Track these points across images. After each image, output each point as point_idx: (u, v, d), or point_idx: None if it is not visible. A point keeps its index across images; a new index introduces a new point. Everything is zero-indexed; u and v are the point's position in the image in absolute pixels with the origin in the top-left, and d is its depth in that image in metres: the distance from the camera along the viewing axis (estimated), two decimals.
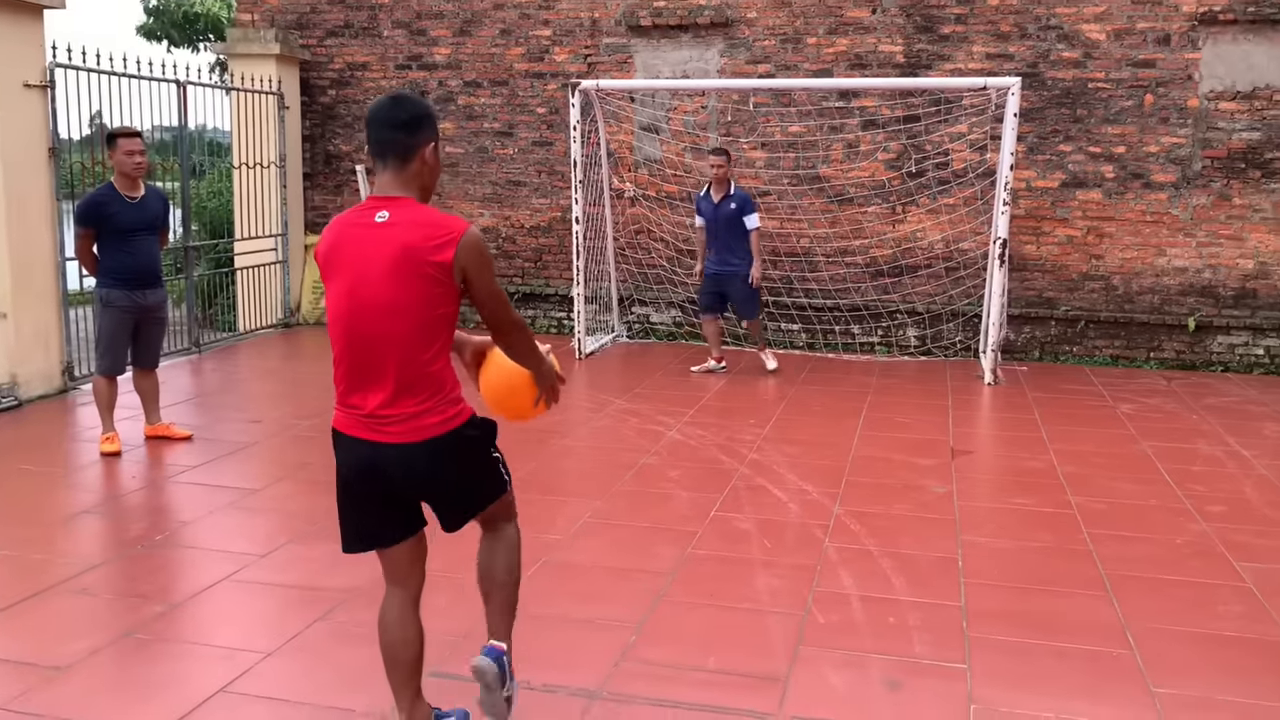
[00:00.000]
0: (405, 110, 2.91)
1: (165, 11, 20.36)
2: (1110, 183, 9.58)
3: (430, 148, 2.95)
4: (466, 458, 3.03)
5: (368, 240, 2.84)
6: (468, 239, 2.82)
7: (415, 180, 2.93)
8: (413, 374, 2.85)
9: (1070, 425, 7.36)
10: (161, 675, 3.62)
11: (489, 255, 2.90)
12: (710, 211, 8.76)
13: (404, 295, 2.80)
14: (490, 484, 3.16)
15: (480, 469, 3.11)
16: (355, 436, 2.92)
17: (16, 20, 7.36)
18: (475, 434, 3.04)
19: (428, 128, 2.94)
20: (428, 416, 2.88)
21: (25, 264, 7.51)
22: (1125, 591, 4.44)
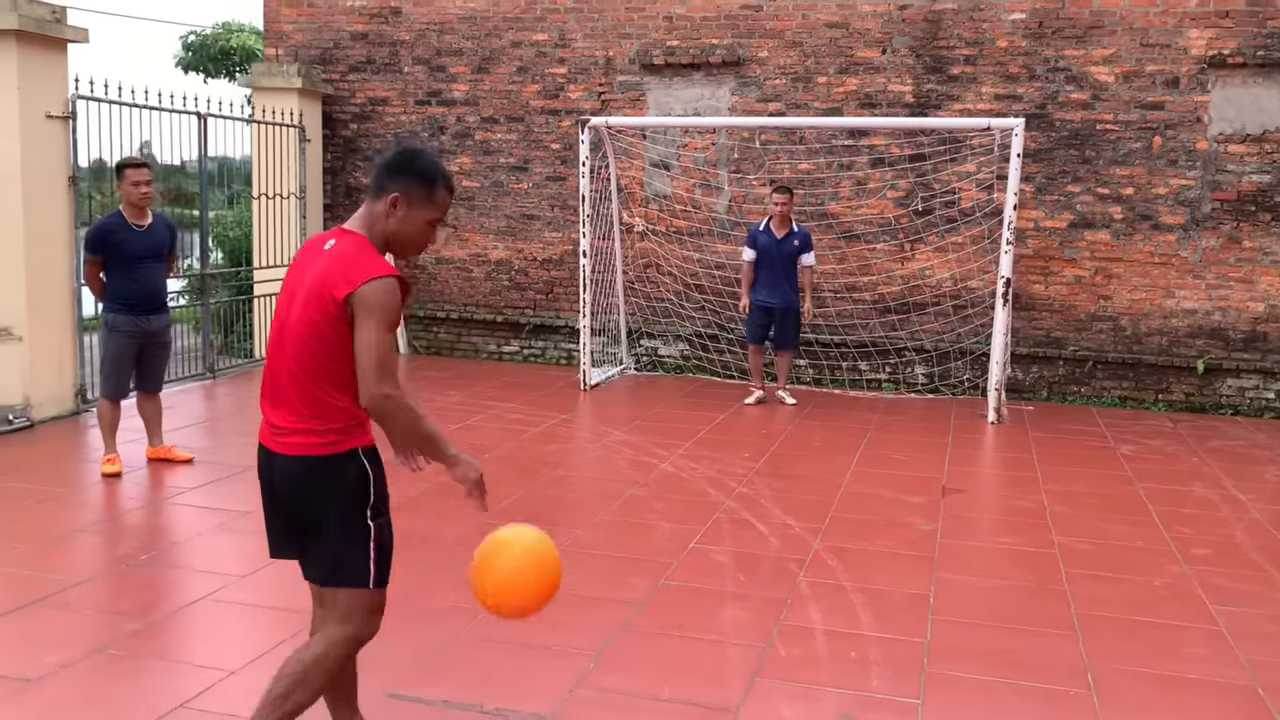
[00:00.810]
0: (398, 155, 2.96)
1: (202, 46, 20.87)
2: (1119, 224, 9.58)
3: (395, 198, 2.87)
4: (332, 492, 2.91)
5: (307, 263, 2.93)
6: (370, 285, 2.76)
7: (376, 222, 2.91)
8: (308, 397, 2.87)
9: (1067, 465, 7.33)
10: (127, 690, 3.71)
11: (384, 307, 2.77)
12: (771, 246, 8.95)
13: (306, 322, 2.84)
14: (347, 553, 2.94)
15: (343, 521, 2.93)
16: (261, 443, 3.00)
17: (41, 54, 7.62)
18: (347, 476, 2.90)
19: (404, 180, 2.89)
20: (311, 436, 2.88)
21: (42, 289, 7.72)
22: (1093, 632, 4.43)
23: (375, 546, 2.97)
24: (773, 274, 9.00)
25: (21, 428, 7.53)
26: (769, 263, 9.01)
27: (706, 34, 10.33)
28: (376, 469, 2.99)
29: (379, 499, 2.99)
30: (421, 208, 2.91)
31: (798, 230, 9.02)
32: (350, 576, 2.96)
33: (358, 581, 2.96)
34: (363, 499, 2.95)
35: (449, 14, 11.07)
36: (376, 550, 2.97)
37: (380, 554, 2.99)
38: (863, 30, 9.93)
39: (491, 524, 5.58)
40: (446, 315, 11.40)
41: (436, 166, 2.97)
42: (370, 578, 2.97)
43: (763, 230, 9.05)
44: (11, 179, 7.50)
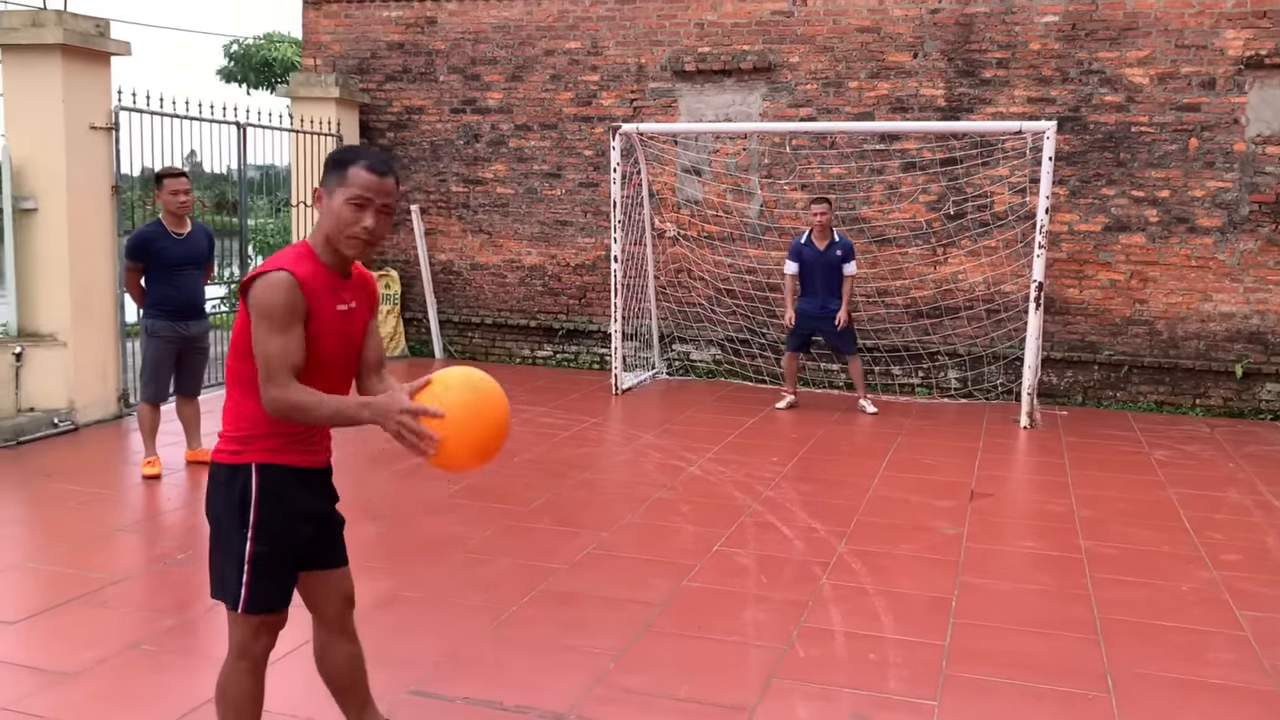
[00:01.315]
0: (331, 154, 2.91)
1: (245, 57, 21.24)
2: (1154, 227, 9.49)
3: (316, 193, 2.85)
4: (214, 504, 2.90)
5: None
6: (259, 282, 2.74)
7: (319, 222, 2.88)
8: (227, 402, 2.90)
9: (1098, 471, 7.28)
10: (160, 684, 3.83)
11: (266, 306, 2.70)
12: (814, 257, 9.00)
13: (236, 320, 2.86)
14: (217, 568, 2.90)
15: (216, 535, 2.91)
16: None
17: (85, 67, 7.83)
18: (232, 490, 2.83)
19: (325, 173, 2.85)
20: (220, 441, 2.90)
21: (85, 296, 7.93)
22: (1116, 636, 4.42)
23: (249, 570, 2.82)
24: (815, 285, 9.06)
25: (66, 431, 7.73)
26: (811, 274, 9.06)
27: (738, 40, 10.38)
28: (273, 491, 2.83)
29: (265, 524, 2.82)
30: (338, 192, 2.78)
31: (839, 240, 9.04)
32: (223, 593, 2.89)
33: (229, 601, 2.87)
34: (243, 519, 2.82)
35: (483, 23, 11.20)
36: (250, 574, 2.82)
37: (255, 579, 2.83)
38: (894, 34, 9.93)
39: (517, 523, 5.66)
40: (481, 320, 11.52)
41: (352, 150, 2.87)
42: (241, 601, 2.84)
43: (804, 243, 9.08)
44: (57, 189, 7.71)
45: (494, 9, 11.15)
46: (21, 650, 4.06)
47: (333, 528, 3.08)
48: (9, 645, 4.11)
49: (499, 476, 6.73)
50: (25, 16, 7.64)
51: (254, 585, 2.84)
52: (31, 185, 7.74)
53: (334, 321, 2.85)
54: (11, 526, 5.75)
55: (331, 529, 3.07)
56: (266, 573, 2.86)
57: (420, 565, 5.10)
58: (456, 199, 11.52)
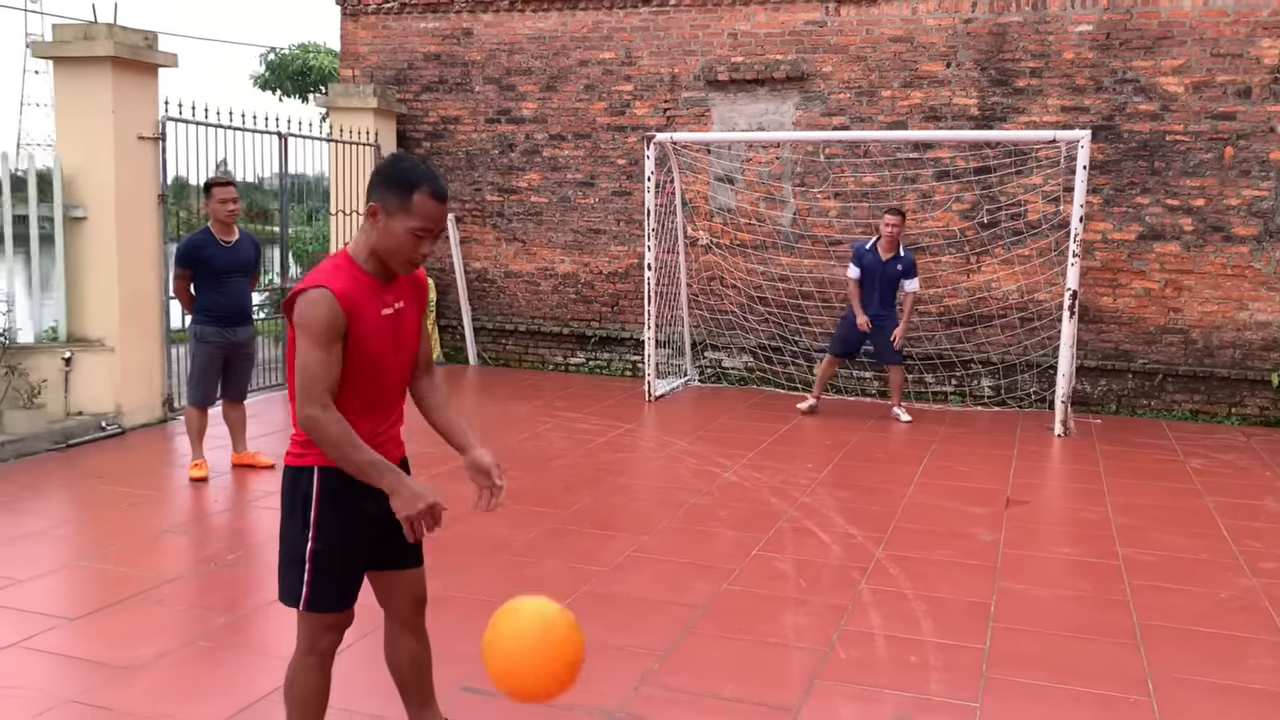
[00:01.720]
0: (381, 166, 2.89)
1: (281, 66, 21.53)
2: (1189, 235, 9.48)
3: (372, 207, 2.83)
4: (285, 503, 2.98)
5: None
6: (300, 298, 2.79)
7: (365, 235, 2.88)
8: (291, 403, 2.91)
9: (1134, 479, 7.29)
10: (220, 678, 3.94)
11: (310, 321, 2.74)
12: (874, 266, 9.07)
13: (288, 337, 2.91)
14: (282, 568, 2.98)
15: (285, 534, 2.98)
16: None
17: (134, 79, 8.01)
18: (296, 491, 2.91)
19: (378, 190, 2.83)
20: (289, 444, 2.97)
21: (133, 302, 8.10)
22: (1155, 641, 4.45)
23: (310, 569, 2.90)
24: (870, 294, 9.12)
25: (113, 434, 7.89)
26: (869, 284, 9.12)
27: (771, 50, 10.46)
28: (333, 493, 2.89)
29: (324, 524, 2.90)
30: (399, 217, 2.79)
31: (903, 255, 9.09)
32: (286, 592, 2.96)
33: (292, 599, 2.95)
34: (304, 519, 2.90)
35: (519, 34, 11.34)
36: (311, 573, 2.90)
37: (317, 578, 2.91)
38: (927, 44, 9.98)
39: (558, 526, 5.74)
40: (514, 328, 11.65)
41: (415, 171, 2.81)
42: (302, 599, 2.92)
43: (868, 249, 9.14)
44: (106, 198, 7.90)
45: (529, 20, 11.29)
46: (83, 645, 4.19)
47: (399, 529, 3.05)
48: (71, 640, 4.23)
49: (539, 480, 6.83)
50: (77, 30, 7.83)
51: (315, 584, 2.92)
52: (81, 194, 7.92)
53: (380, 325, 2.88)
54: (65, 526, 5.89)
55: (398, 531, 3.01)
56: (327, 571, 2.92)
57: (467, 566, 5.19)
58: (491, 208, 11.65)
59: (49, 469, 6.98)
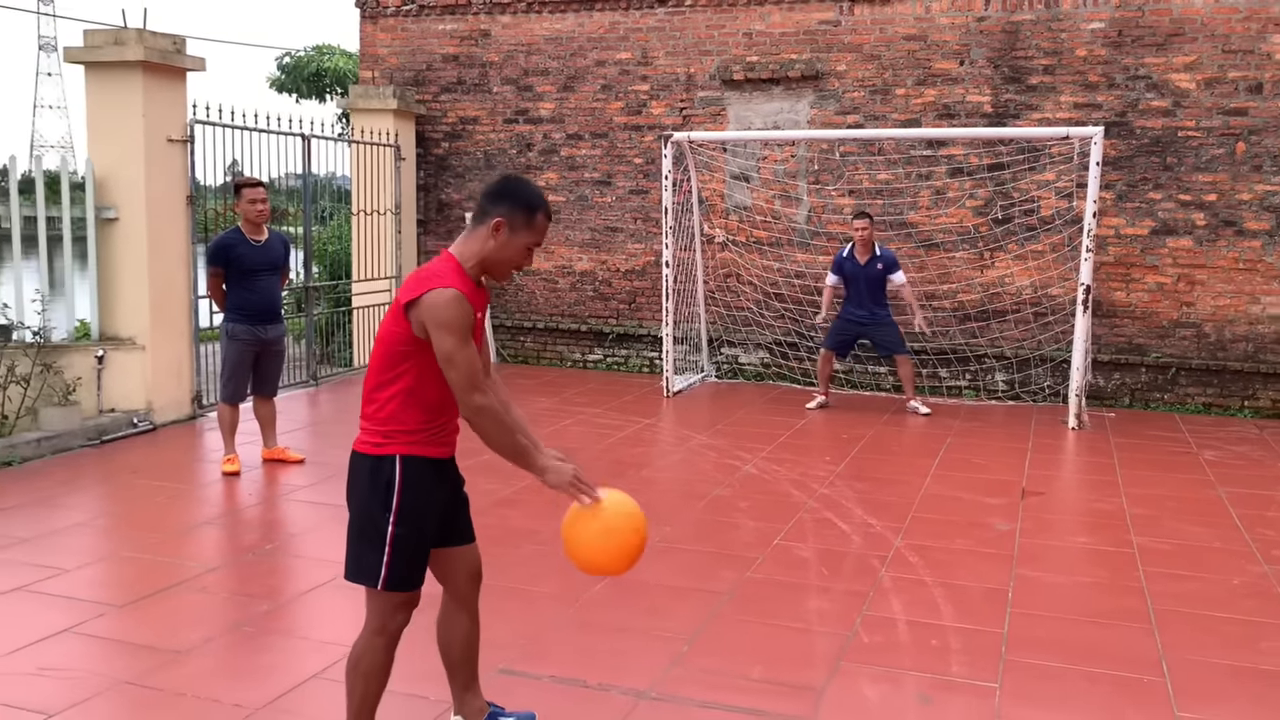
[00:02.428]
0: (503, 183, 3.18)
1: (297, 68, 21.72)
2: (1201, 230, 9.58)
3: (499, 222, 3.07)
4: (358, 491, 3.14)
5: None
6: (430, 296, 2.97)
7: (476, 244, 3.11)
8: (367, 394, 3.13)
9: (1148, 470, 7.40)
10: (265, 661, 4.10)
11: (447, 320, 2.96)
12: (855, 271, 9.26)
13: (384, 327, 3.11)
14: (360, 551, 3.14)
15: (361, 520, 3.14)
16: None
17: (164, 82, 8.18)
18: (379, 478, 3.08)
19: (506, 205, 3.09)
20: (362, 434, 3.15)
21: (163, 301, 8.27)
22: (1169, 625, 4.58)
23: (390, 551, 3.09)
24: (860, 296, 9.29)
25: (145, 430, 8.07)
26: (855, 287, 9.30)
27: (785, 49, 10.58)
28: (413, 480, 3.11)
29: (405, 508, 3.10)
30: (522, 233, 3.10)
31: (880, 253, 9.24)
32: (363, 574, 3.14)
33: (369, 580, 3.12)
34: (386, 503, 3.08)
35: (536, 35, 11.49)
36: (392, 554, 3.10)
37: (395, 559, 3.10)
38: (940, 42, 10.09)
39: None
40: (533, 325, 11.80)
41: (539, 194, 3.16)
42: (381, 579, 3.11)
43: (846, 257, 9.31)
44: (137, 199, 8.07)
45: (546, 21, 11.44)
46: (132, 630, 4.35)
47: (459, 507, 3.35)
48: (121, 626, 4.39)
49: None
50: (108, 35, 8.00)
51: (394, 564, 3.11)
52: (112, 196, 8.10)
53: (478, 328, 3.16)
54: (104, 519, 6.06)
55: (459, 508, 3.34)
56: (405, 552, 3.13)
57: (496, 556, 5.30)
58: None
59: (84, 465, 7.15)
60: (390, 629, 3.20)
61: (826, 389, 9.60)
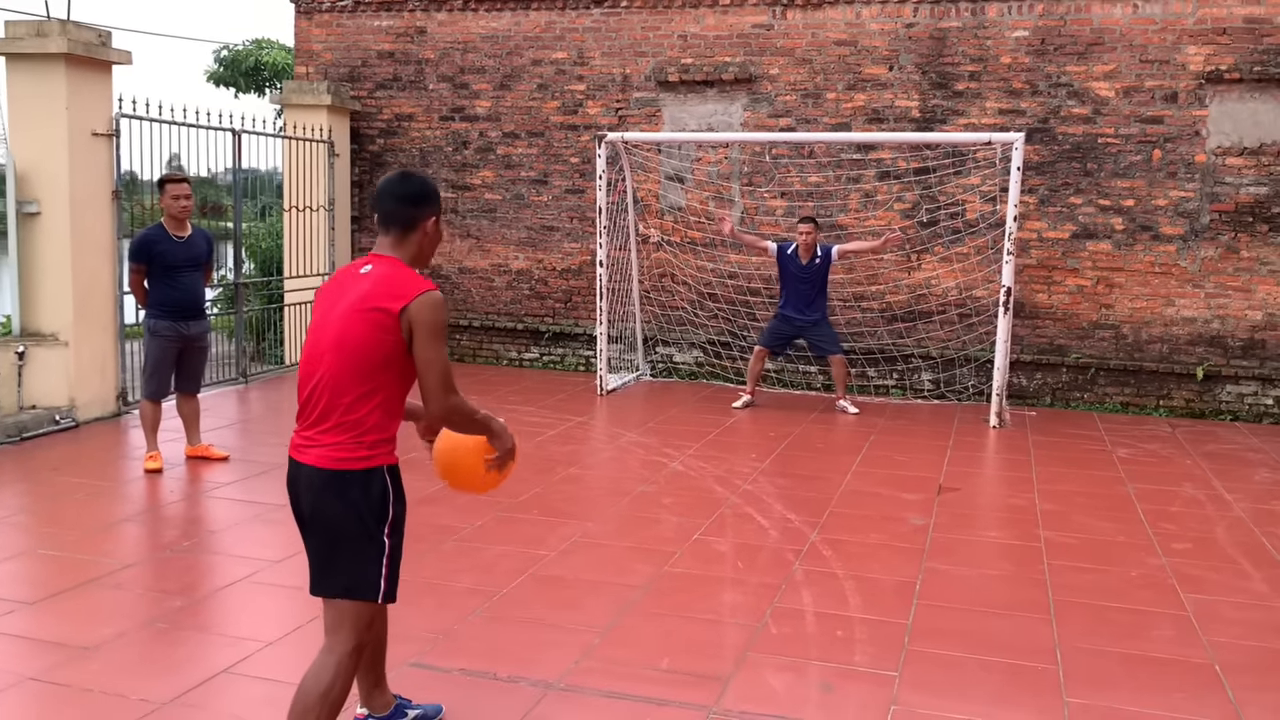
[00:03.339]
0: (412, 186, 3.22)
1: (235, 62, 21.46)
2: (1120, 234, 9.86)
3: (432, 221, 3.22)
4: (348, 507, 3.06)
5: (345, 287, 3.14)
6: (424, 297, 3.02)
7: (412, 247, 3.20)
8: (338, 407, 3.05)
9: (1062, 467, 7.62)
10: (176, 657, 4.10)
11: (440, 323, 3.03)
12: (798, 271, 9.42)
13: (348, 334, 3.03)
14: (355, 566, 3.10)
15: (354, 535, 3.09)
16: (290, 455, 3.17)
17: (88, 75, 8.08)
18: (371, 492, 3.07)
19: (432, 203, 3.22)
20: (338, 450, 3.05)
21: (86, 297, 8.17)
22: (1066, 616, 4.74)
23: (388, 563, 3.14)
24: (800, 296, 9.45)
25: (67, 428, 7.97)
26: (794, 287, 9.44)
27: (720, 52, 10.71)
28: (398, 488, 3.18)
29: (397, 519, 3.17)
30: (440, 220, 3.29)
31: (820, 253, 9.41)
32: (359, 590, 3.11)
33: (369, 595, 3.12)
34: (382, 516, 3.11)
35: (472, 33, 11.50)
36: (389, 566, 3.14)
37: (392, 570, 3.16)
38: (870, 48, 10.28)
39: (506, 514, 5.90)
40: (469, 323, 11.81)
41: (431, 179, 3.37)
42: (380, 592, 3.14)
43: (790, 254, 9.45)
44: (60, 193, 7.96)
45: (482, 19, 11.45)
46: (43, 627, 4.33)
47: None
48: (31, 622, 4.37)
49: None
50: (30, 26, 7.88)
51: (390, 576, 3.16)
52: (35, 190, 7.99)
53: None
54: (21, 515, 5.99)
55: None
56: (397, 562, 3.19)
57: (417, 552, 5.35)
58: (445, 204, 11.79)
59: (2, 462, 7.05)
60: (365, 642, 3.20)
61: (754, 388, 9.72)
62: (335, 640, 3.14)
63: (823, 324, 9.50)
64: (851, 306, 10.53)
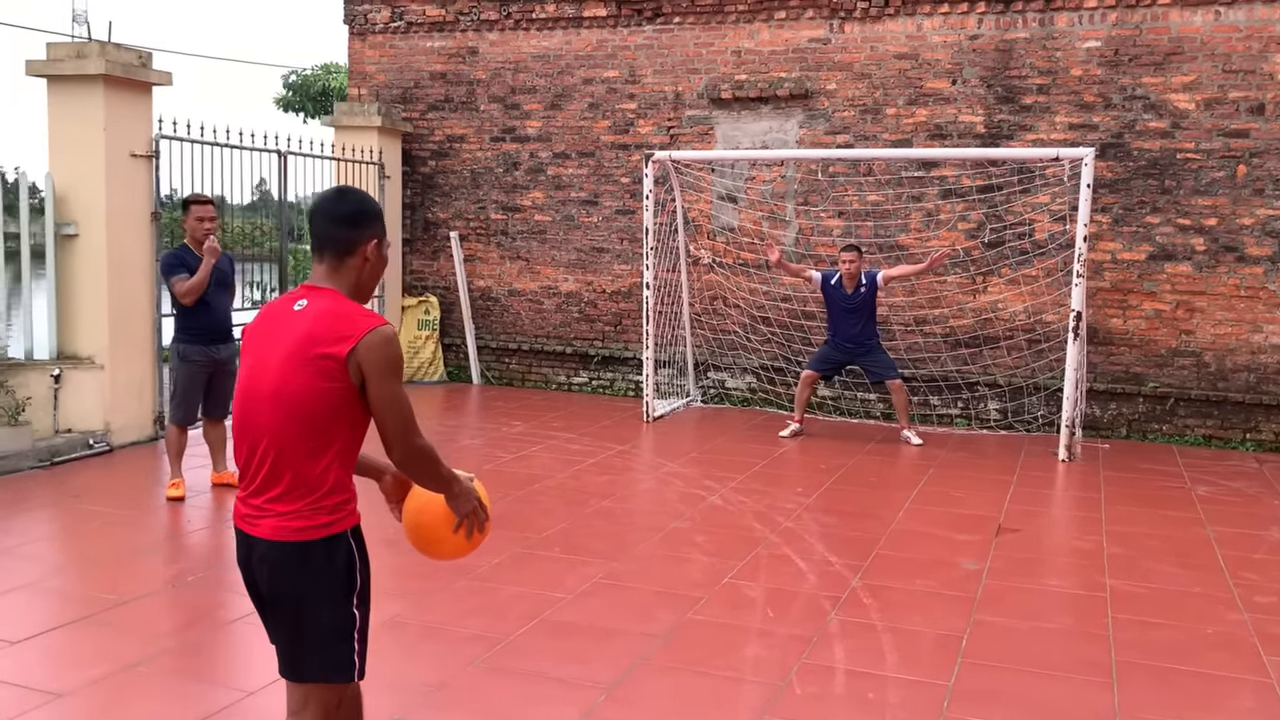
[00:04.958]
0: (348, 204, 2.83)
1: (303, 86, 21.71)
2: (1201, 255, 9.23)
3: (373, 244, 2.79)
4: (312, 583, 2.70)
5: (278, 327, 2.74)
6: (372, 337, 2.64)
7: (351, 275, 2.79)
8: (288, 469, 2.67)
9: (1134, 506, 7.06)
10: (147, 707, 3.84)
11: (395, 361, 2.67)
12: (842, 300, 9.03)
13: (291, 384, 2.65)
14: (325, 647, 2.73)
15: (321, 613, 2.72)
16: (237, 526, 2.80)
17: (127, 96, 8.03)
18: (335, 562, 2.71)
19: (371, 224, 2.81)
20: (295, 519, 2.67)
21: (124, 320, 8.09)
22: (1130, 680, 4.25)
23: (359, 638, 2.78)
24: (848, 326, 9.04)
25: (101, 452, 7.87)
26: (842, 316, 9.05)
27: (774, 67, 10.34)
28: (363, 552, 2.82)
29: (365, 587, 2.80)
30: (383, 242, 2.87)
31: (865, 281, 8.98)
32: (331, 671, 2.75)
33: (343, 676, 2.76)
34: (350, 587, 2.75)
35: (523, 53, 11.31)
36: (359, 641, 2.78)
37: (363, 644, 2.80)
38: (932, 61, 9.82)
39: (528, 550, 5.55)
40: (518, 346, 11.56)
41: (367, 198, 2.90)
42: (355, 670, 2.78)
43: (835, 284, 9.04)
44: (97, 215, 7.90)
45: (534, 39, 11.25)
46: (17, 670, 4.10)
47: None
48: (6, 665, 4.15)
49: (517, 503, 6.72)
50: (70, 48, 7.86)
51: (362, 650, 2.80)
52: (73, 211, 7.94)
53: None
54: (33, 545, 5.84)
55: None
56: (366, 633, 2.82)
57: (427, 591, 5.07)
58: (495, 226, 11.60)
59: (29, 487, 6.95)
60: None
61: (802, 416, 9.26)
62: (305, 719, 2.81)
63: (876, 351, 9.04)
64: (913, 331, 10.03)
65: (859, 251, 9.04)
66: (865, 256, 9.34)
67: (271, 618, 2.80)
